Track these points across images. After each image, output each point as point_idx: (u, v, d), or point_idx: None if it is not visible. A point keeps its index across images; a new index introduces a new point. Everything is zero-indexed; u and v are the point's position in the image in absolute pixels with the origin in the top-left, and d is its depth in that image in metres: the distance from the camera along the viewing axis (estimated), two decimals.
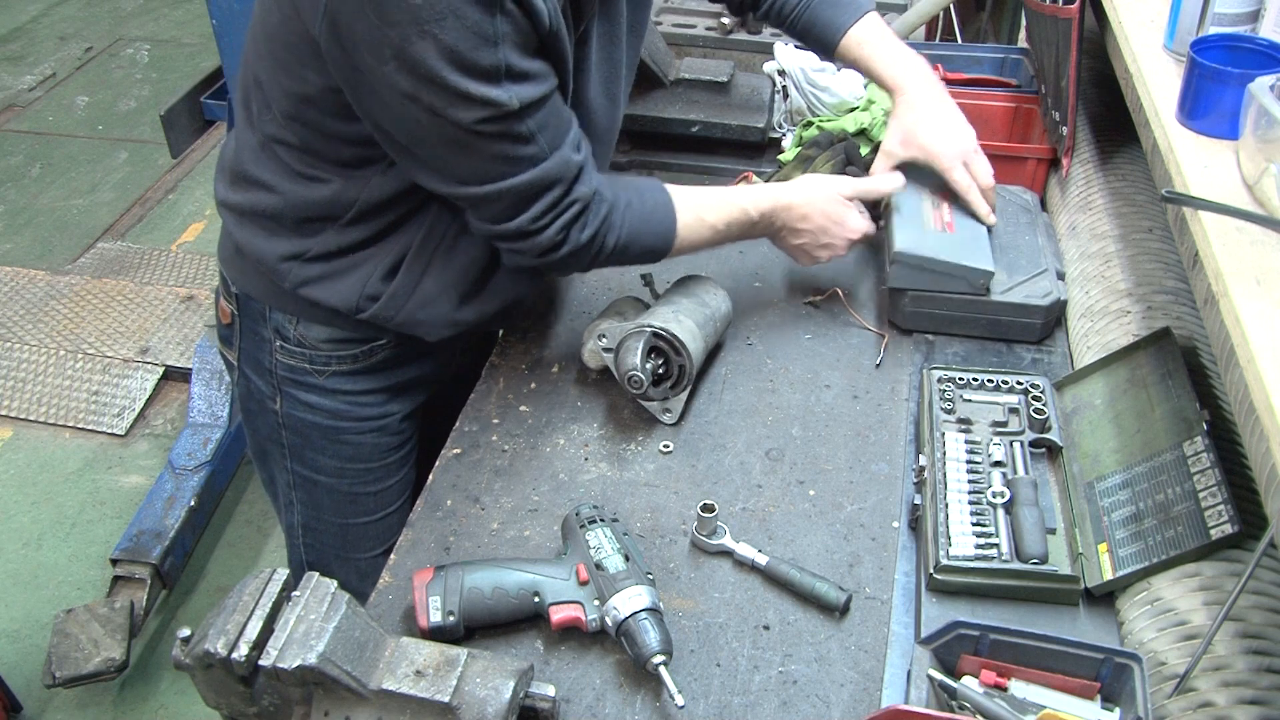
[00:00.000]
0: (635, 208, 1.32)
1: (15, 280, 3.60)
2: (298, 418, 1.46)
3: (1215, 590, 1.05)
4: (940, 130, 1.53)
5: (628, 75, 1.42)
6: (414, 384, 1.51)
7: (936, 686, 1.01)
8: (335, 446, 1.49)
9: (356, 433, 1.48)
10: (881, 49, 1.55)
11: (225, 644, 0.95)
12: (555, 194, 1.21)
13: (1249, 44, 1.17)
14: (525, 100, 1.12)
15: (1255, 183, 1.03)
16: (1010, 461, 1.28)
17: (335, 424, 1.46)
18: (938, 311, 1.55)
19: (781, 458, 1.38)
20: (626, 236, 1.31)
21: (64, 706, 2.32)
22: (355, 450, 1.50)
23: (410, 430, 1.56)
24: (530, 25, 1.09)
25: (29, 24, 5.50)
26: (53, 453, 3.00)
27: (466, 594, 1.13)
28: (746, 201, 1.41)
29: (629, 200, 1.31)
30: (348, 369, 1.42)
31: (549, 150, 1.18)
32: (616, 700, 1.09)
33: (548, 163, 1.18)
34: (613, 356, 1.38)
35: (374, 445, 1.50)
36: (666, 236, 1.36)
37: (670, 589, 1.21)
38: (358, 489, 1.53)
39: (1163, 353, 1.28)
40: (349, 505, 1.55)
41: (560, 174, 1.20)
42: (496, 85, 1.08)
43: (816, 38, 1.60)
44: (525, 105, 1.12)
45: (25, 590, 2.60)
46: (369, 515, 1.56)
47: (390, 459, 1.53)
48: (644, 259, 1.38)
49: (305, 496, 1.56)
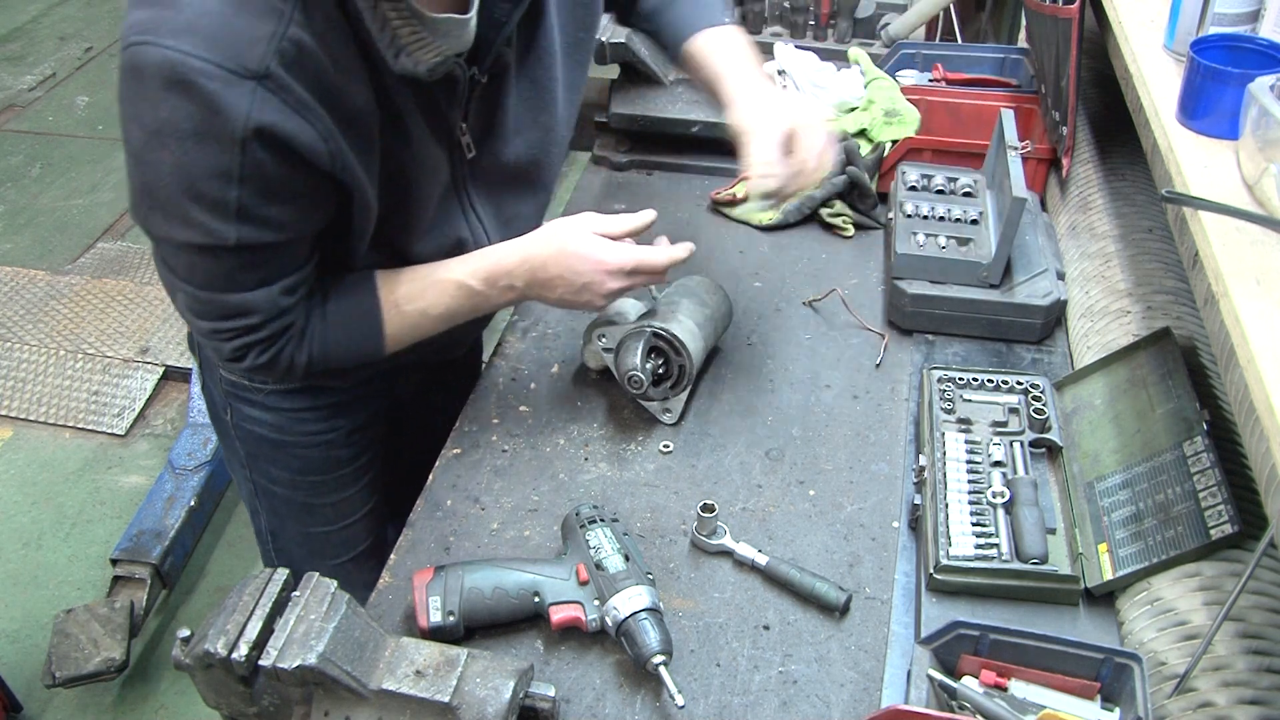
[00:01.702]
0: (332, 323, 1.21)
1: (15, 280, 3.60)
2: (246, 430, 1.45)
3: (1215, 590, 1.05)
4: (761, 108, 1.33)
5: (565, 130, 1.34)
6: (357, 401, 1.47)
7: (936, 686, 1.01)
8: (284, 459, 1.47)
9: (303, 446, 1.46)
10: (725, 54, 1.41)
11: (225, 644, 0.95)
12: (245, 322, 1.13)
13: (1249, 44, 1.17)
14: (247, 241, 1.04)
15: (1255, 183, 1.03)
16: (1010, 461, 1.28)
17: (281, 438, 1.44)
18: (938, 311, 1.56)
19: (781, 458, 1.38)
20: (319, 354, 1.21)
21: (64, 706, 2.32)
22: (304, 463, 1.48)
23: (365, 441, 1.52)
24: (290, 171, 1.01)
25: (29, 24, 5.50)
26: (53, 453, 3.00)
27: (466, 594, 1.13)
28: (465, 274, 1.25)
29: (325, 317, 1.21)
30: (284, 388, 1.39)
31: (255, 284, 1.10)
32: (616, 700, 1.09)
33: (250, 294, 1.10)
34: (613, 356, 1.38)
35: (323, 459, 1.48)
36: (372, 345, 1.25)
37: (670, 589, 1.21)
38: (313, 500, 1.52)
39: (1163, 353, 1.28)
40: (307, 515, 1.54)
41: (259, 307, 1.12)
42: (220, 219, 1.01)
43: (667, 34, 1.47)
44: (245, 245, 1.04)
45: (25, 590, 2.60)
46: (329, 525, 1.55)
47: (343, 471, 1.51)
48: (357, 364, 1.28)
49: (267, 505, 1.56)
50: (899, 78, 1.97)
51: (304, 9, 0.96)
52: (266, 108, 0.95)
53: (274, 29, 0.94)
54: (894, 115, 1.85)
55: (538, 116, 1.28)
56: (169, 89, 0.92)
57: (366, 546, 1.62)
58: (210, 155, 0.96)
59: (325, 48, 0.98)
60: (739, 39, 1.44)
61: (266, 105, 0.95)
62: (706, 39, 1.43)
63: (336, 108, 1.02)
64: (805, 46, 2.16)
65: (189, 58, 0.91)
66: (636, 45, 1.93)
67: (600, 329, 1.40)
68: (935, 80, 1.95)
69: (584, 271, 1.26)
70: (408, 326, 1.26)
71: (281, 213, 1.05)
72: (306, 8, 0.96)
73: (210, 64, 0.92)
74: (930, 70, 2.00)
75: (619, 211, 1.31)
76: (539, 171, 1.34)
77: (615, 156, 2.02)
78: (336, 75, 1.00)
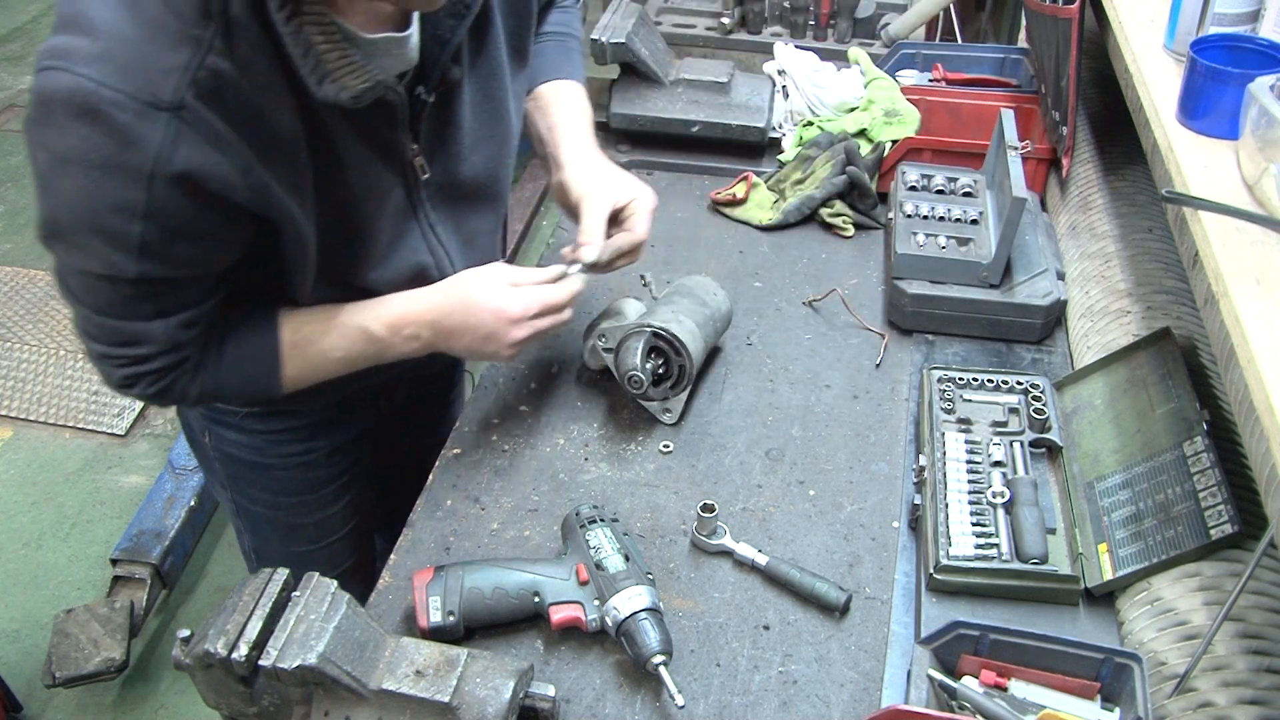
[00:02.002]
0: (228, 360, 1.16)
1: (15, 280, 3.60)
2: (224, 452, 1.44)
3: (1215, 590, 1.05)
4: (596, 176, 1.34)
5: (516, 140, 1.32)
6: (337, 422, 1.44)
7: (936, 686, 1.01)
8: (264, 480, 1.46)
9: (282, 468, 1.45)
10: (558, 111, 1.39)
11: (225, 644, 0.95)
12: (138, 351, 1.08)
13: (1249, 44, 1.17)
14: (148, 276, 1.00)
15: (1255, 183, 1.03)
16: (1010, 461, 1.28)
17: (259, 460, 1.43)
18: (938, 311, 1.56)
19: (781, 458, 1.38)
20: (211, 388, 1.16)
21: (64, 706, 2.32)
22: (284, 484, 1.47)
23: (347, 461, 1.51)
24: (196, 209, 0.96)
25: (29, 24, 5.50)
26: (53, 453, 3.00)
27: (466, 594, 1.13)
28: (369, 319, 1.21)
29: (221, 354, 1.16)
30: (260, 410, 1.38)
31: (152, 315, 1.05)
32: (616, 700, 1.09)
33: (145, 324, 1.06)
34: (613, 356, 1.38)
35: (303, 479, 1.47)
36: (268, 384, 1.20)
37: (670, 589, 1.21)
38: (295, 519, 1.52)
39: (1163, 353, 1.28)
40: (290, 534, 1.53)
41: (154, 338, 1.07)
42: (122, 252, 0.96)
43: None
44: (145, 279, 1.00)
45: (25, 590, 2.60)
46: (312, 544, 1.55)
47: (324, 490, 1.50)
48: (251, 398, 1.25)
49: (249, 524, 1.55)
50: (899, 78, 1.97)
51: (226, 35, 0.91)
52: (180, 143, 0.91)
53: (190, 58, 0.90)
54: (894, 115, 1.85)
55: (492, 130, 1.25)
56: (78, 118, 0.89)
57: (351, 564, 1.62)
58: (116, 188, 0.92)
59: (248, 75, 0.94)
60: (579, 97, 1.42)
61: (180, 140, 0.91)
62: (547, 92, 1.41)
63: (260, 137, 0.97)
64: (805, 46, 2.17)
65: (101, 87, 0.88)
66: (636, 45, 1.93)
67: (600, 329, 1.40)
68: (935, 80, 1.95)
69: (487, 322, 1.23)
70: (308, 368, 1.21)
71: (187, 250, 1.01)
72: (229, 34, 0.91)
73: (122, 94, 0.88)
74: (930, 70, 2.00)
75: None
76: (496, 184, 1.31)
77: (615, 156, 2.02)
78: (261, 103, 0.96)
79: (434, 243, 1.25)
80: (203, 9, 0.90)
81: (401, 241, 1.21)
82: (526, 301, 1.24)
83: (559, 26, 1.46)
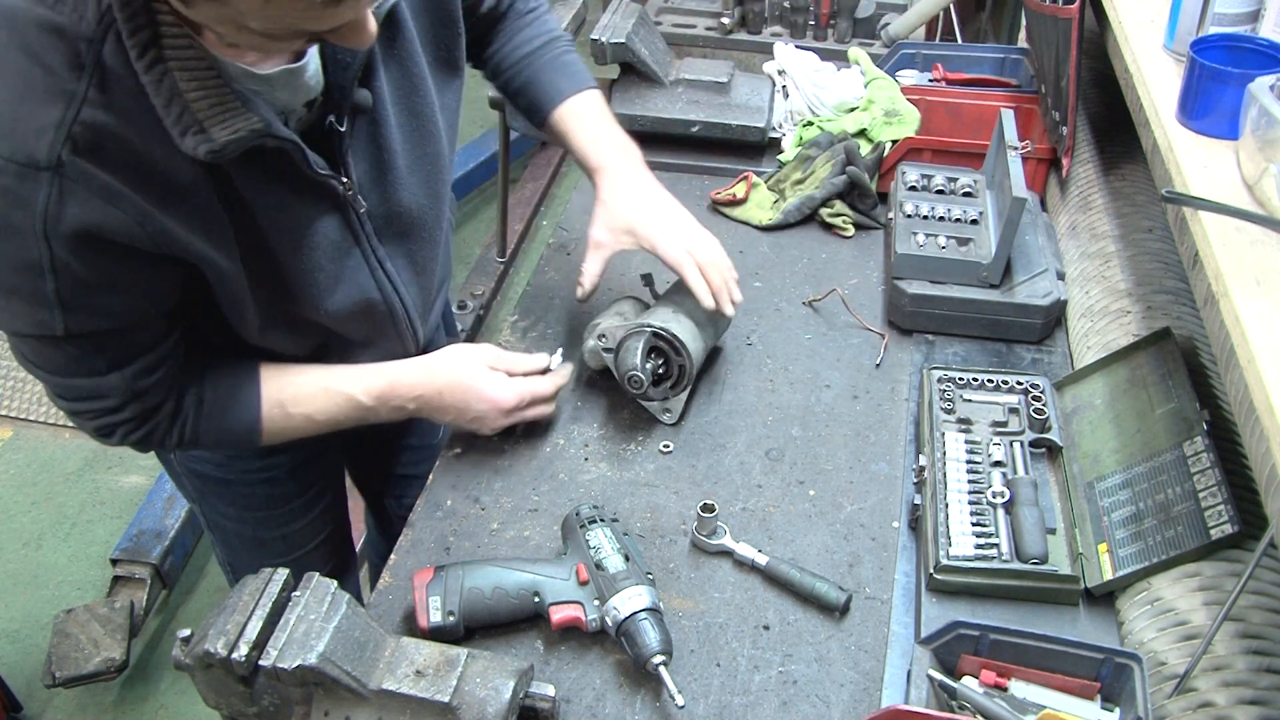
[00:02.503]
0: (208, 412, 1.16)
1: None
2: (190, 468, 1.44)
3: (1215, 590, 1.05)
4: (653, 215, 1.37)
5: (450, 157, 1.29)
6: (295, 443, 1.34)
7: (936, 686, 1.01)
8: (230, 495, 1.47)
9: (244, 484, 1.45)
10: (592, 125, 1.41)
11: (225, 644, 0.95)
12: (103, 404, 1.08)
13: (1249, 44, 1.17)
14: (78, 330, 0.99)
15: (1255, 183, 1.03)
16: (1010, 461, 1.28)
17: (223, 475, 1.44)
18: (938, 311, 1.56)
19: (781, 458, 1.38)
20: (190, 437, 1.16)
21: (64, 706, 2.32)
22: (247, 499, 1.47)
23: (311, 475, 1.51)
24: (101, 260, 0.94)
25: None
26: (53, 453, 3.00)
27: (466, 594, 1.13)
28: (357, 388, 1.23)
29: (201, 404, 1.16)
30: None
31: (106, 369, 1.05)
32: (616, 700, 1.09)
33: (101, 379, 1.05)
34: (613, 356, 1.38)
35: (267, 495, 1.47)
36: (246, 438, 1.20)
37: (670, 589, 1.21)
38: (262, 534, 1.52)
39: (1163, 353, 1.28)
40: (259, 548, 1.53)
41: (113, 390, 1.07)
42: (45, 310, 0.95)
43: (531, 100, 1.43)
44: (77, 334, 0.99)
45: (25, 590, 2.60)
46: (281, 556, 1.54)
47: (291, 505, 1.50)
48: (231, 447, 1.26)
49: (221, 538, 1.56)
50: (899, 78, 1.97)
51: (100, 87, 0.88)
52: (66, 200, 0.89)
53: (63, 114, 0.87)
54: (894, 115, 1.85)
55: (425, 149, 1.20)
56: None
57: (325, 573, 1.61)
58: (16, 249, 0.90)
59: (130, 125, 0.90)
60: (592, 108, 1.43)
61: (66, 197, 0.89)
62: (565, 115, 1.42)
63: (153, 185, 0.94)
64: (805, 46, 2.17)
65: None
66: (636, 45, 1.93)
67: (600, 329, 1.40)
68: (935, 80, 1.95)
69: (475, 406, 1.30)
70: (290, 429, 1.22)
71: (109, 301, 0.99)
72: (104, 85, 0.88)
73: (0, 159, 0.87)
74: (930, 70, 2.00)
75: None
76: (439, 206, 1.27)
77: None
78: (150, 151, 0.92)
79: (381, 277, 1.21)
80: (72, 61, 0.87)
81: (347, 277, 1.17)
82: (519, 393, 1.31)
83: (542, 37, 1.43)
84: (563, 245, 1.80)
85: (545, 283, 1.70)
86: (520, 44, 1.42)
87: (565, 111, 1.41)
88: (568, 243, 1.80)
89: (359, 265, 1.18)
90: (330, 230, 1.12)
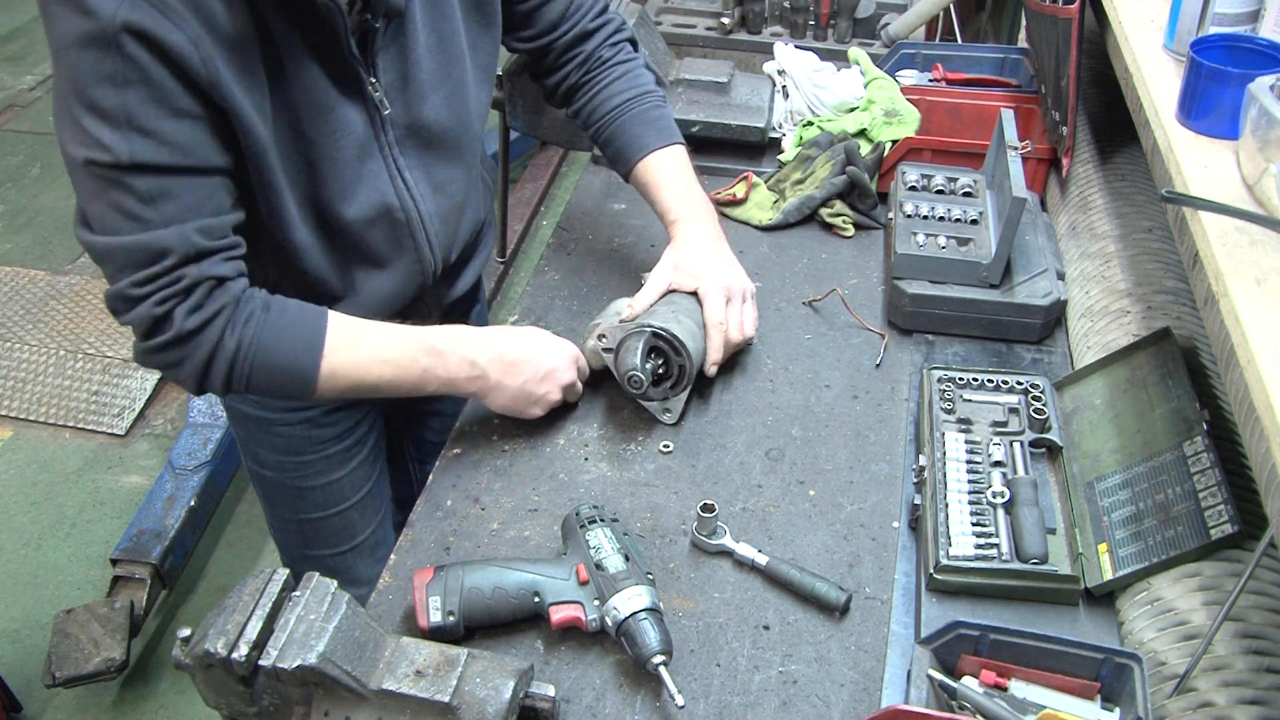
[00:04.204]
0: (275, 315, 1.17)
1: (15, 280, 3.60)
2: (236, 409, 1.47)
3: (1215, 590, 1.05)
4: (712, 262, 1.46)
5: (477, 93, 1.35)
6: None
7: (936, 686, 1.01)
8: (270, 438, 1.49)
9: (285, 424, 1.47)
10: (675, 181, 1.50)
11: (225, 644, 0.95)
12: (164, 264, 1.09)
13: (1249, 44, 1.17)
14: (139, 160, 1.03)
15: (1255, 183, 1.03)
16: (1010, 461, 1.28)
17: (264, 415, 1.46)
18: (938, 311, 1.56)
19: (781, 458, 1.38)
20: (252, 340, 1.15)
21: (64, 706, 2.32)
22: (288, 442, 1.49)
23: (349, 423, 1.52)
24: (169, 76, 1.02)
25: (29, 24, 5.50)
26: (53, 453, 3.00)
27: (466, 594, 1.13)
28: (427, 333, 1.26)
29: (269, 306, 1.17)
30: None
31: (164, 221, 1.07)
32: (616, 700, 1.09)
33: (160, 231, 1.07)
34: (613, 356, 1.38)
35: (305, 437, 1.49)
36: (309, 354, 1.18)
37: (670, 589, 1.21)
38: (301, 483, 1.53)
39: (1163, 353, 1.28)
40: (298, 500, 1.55)
41: (172, 246, 1.08)
42: (114, 130, 1.02)
43: (617, 150, 1.53)
44: (138, 165, 1.04)
45: (25, 590, 2.60)
46: (321, 511, 1.56)
47: (329, 451, 1.51)
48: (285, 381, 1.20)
49: (262, 493, 1.57)
50: (899, 78, 1.97)
51: None
52: (135, 8, 0.98)
53: None
54: (894, 115, 1.85)
55: (450, 71, 1.28)
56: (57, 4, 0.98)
57: (367, 539, 1.62)
58: (93, 60, 0.99)
59: None
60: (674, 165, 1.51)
61: (135, 6, 0.98)
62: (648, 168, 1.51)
63: (207, 20, 1.02)
64: (805, 46, 2.17)
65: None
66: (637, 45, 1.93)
67: (600, 329, 1.40)
68: (935, 80, 1.95)
69: (553, 356, 1.35)
70: (352, 366, 1.21)
71: (174, 130, 1.04)
72: None
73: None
74: (930, 70, 2.00)
75: (619, 211, 1.31)
76: (461, 130, 1.34)
77: None
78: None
79: (400, 185, 1.28)
80: None
81: (368, 176, 1.24)
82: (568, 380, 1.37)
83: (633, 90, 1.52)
84: (562, 245, 1.80)
85: (545, 283, 1.70)
86: (611, 95, 1.51)
87: (650, 165, 1.50)
88: (567, 243, 1.80)
89: (379, 170, 1.25)
90: (356, 125, 1.20)
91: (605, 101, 1.52)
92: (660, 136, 1.51)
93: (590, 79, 1.52)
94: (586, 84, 1.52)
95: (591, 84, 1.52)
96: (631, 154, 1.51)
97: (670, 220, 1.49)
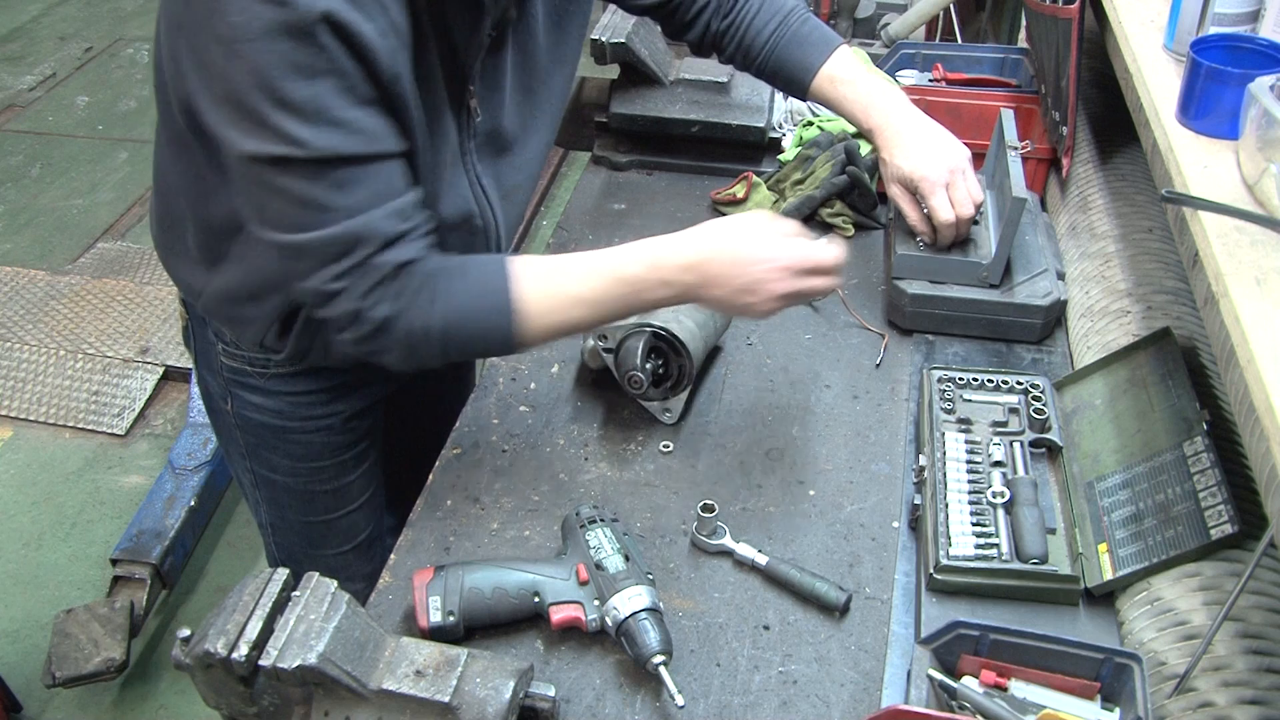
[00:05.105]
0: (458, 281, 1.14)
1: (15, 280, 3.60)
2: (246, 417, 1.46)
3: (1215, 590, 1.05)
4: (923, 155, 1.46)
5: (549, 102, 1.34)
6: (358, 384, 1.46)
7: (936, 686, 1.01)
8: (285, 445, 1.48)
9: (303, 432, 1.46)
10: (856, 86, 1.49)
11: (225, 644, 0.95)
12: (358, 255, 1.08)
13: (1249, 44, 1.17)
14: (329, 150, 1.01)
15: (1255, 183, 1.03)
16: (1010, 461, 1.28)
17: (282, 424, 1.45)
18: (938, 311, 1.56)
19: (781, 458, 1.38)
20: (444, 302, 1.13)
21: (64, 706, 2.32)
22: (305, 449, 1.48)
23: (364, 428, 1.52)
24: (359, 68, 1.00)
25: (29, 24, 5.50)
26: (53, 453, 3.00)
27: (466, 594, 1.13)
28: (621, 259, 1.16)
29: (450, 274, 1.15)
30: (285, 371, 1.39)
31: (354, 210, 1.06)
32: (616, 700, 1.09)
33: (350, 221, 1.06)
34: (613, 356, 1.38)
35: (323, 444, 1.48)
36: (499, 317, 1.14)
37: (670, 589, 1.21)
38: (314, 487, 1.53)
39: (1163, 353, 1.28)
40: (308, 503, 1.54)
41: (364, 236, 1.07)
42: (305, 123, 0.99)
43: (787, 78, 1.53)
44: (329, 157, 1.02)
45: (25, 590, 2.60)
46: (330, 513, 1.56)
47: (343, 457, 1.51)
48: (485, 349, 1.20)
49: (268, 495, 1.56)
50: (899, 78, 1.97)
51: None
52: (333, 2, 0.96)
53: None
54: None
55: (530, 83, 1.28)
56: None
57: (366, 536, 1.63)
58: (285, 51, 0.95)
59: None
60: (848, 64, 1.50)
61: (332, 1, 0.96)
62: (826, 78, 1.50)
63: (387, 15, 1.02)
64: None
65: None
66: (636, 45, 1.93)
67: (600, 329, 1.40)
68: (935, 80, 1.95)
69: (751, 269, 1.15)
70: (552, 306, 1.15)
71: (361, 118, 1.03)
72: None
73: None
74: (930, 70, 2.00)
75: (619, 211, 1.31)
76: (532, 140, 1.34)
77: (615, 156, 2.02)
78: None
79: (479, 191, 1.27)
80: None
81: (452, 186, 1.23)
82: (799, 253, 1.17)
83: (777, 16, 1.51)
84: (562, 245, 1.80)
85: None
86: (759, 30, 1.51)
87: (820, 86, 1.50)
88: (567, 243, 1.80)
89: (460, 176, 1.25)
90: (450, 132, 1.19)
91: (755, 39, 1.51)
92: (818, 52, 1.50)
93: (731, 22, 1.52)
94: (730, 29, 1.53)
95: (735, 27, 1.52)
96: (800, 80, 1.51)
97: (865, 130, 1.51)
